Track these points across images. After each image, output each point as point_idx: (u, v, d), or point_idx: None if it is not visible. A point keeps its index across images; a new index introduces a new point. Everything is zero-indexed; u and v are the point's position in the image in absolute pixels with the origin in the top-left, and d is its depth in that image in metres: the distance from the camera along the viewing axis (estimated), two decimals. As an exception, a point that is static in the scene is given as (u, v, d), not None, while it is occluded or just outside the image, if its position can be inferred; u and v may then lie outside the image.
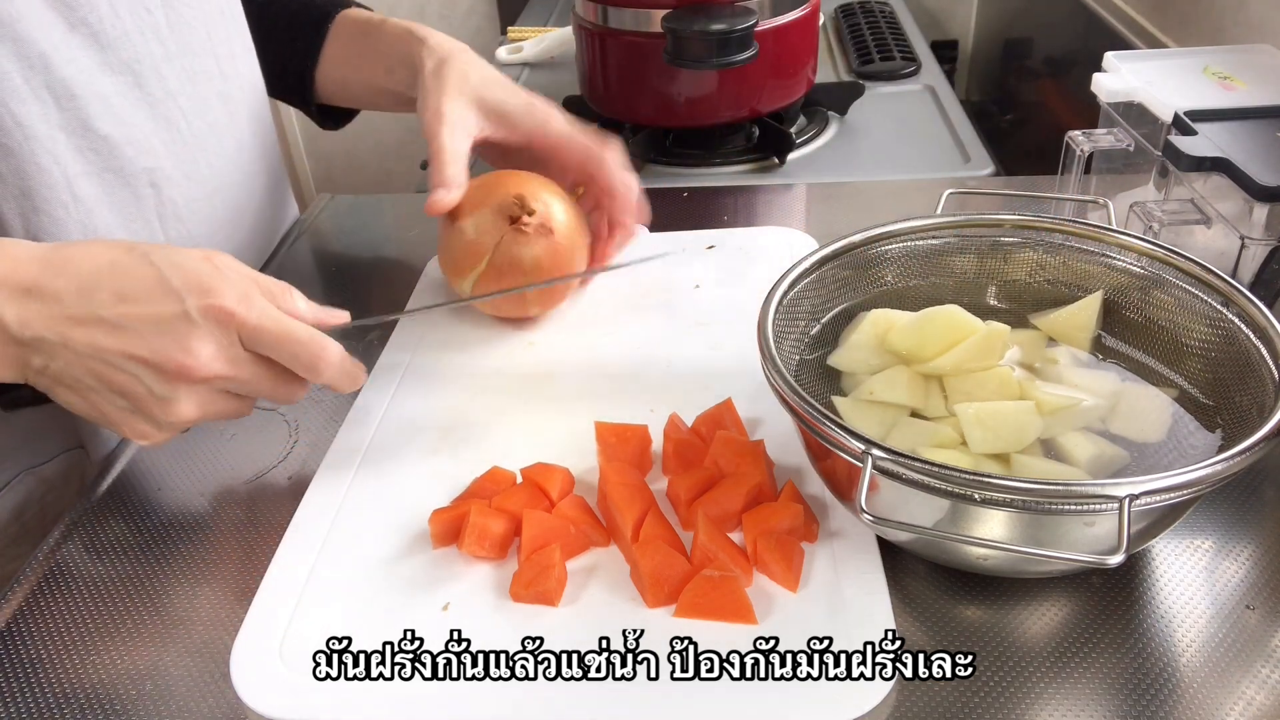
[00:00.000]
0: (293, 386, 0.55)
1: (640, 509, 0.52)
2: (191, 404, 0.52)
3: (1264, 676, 0.45)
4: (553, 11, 1.56)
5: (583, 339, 0.70)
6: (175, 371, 0.50)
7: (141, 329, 0.50)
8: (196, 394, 0.52)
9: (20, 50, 0.56)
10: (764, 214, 0.87)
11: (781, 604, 0.49)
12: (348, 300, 0.78)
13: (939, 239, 0.60)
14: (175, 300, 0.50)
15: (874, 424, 0.52)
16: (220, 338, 0.51)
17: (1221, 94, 0.71)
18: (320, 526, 0.56)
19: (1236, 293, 0.51)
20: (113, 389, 0.51)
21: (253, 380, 0.53)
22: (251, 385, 0.53)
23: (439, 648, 0.48)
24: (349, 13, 0.79)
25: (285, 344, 0.52)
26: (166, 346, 0.50)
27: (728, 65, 0.88)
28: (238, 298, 0.51)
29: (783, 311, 0.54)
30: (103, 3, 0.59)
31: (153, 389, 0.51)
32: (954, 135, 1.02)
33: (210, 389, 0.52)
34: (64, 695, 0.48)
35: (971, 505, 0.42)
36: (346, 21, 0.79)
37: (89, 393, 0.51)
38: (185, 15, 0.66)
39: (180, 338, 0.50)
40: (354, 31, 0.78)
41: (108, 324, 0.49)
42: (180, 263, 0.51)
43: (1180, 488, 0.41)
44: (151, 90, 0.63)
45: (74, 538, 0.58)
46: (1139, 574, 0.50)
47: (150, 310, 0.50)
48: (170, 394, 0.51)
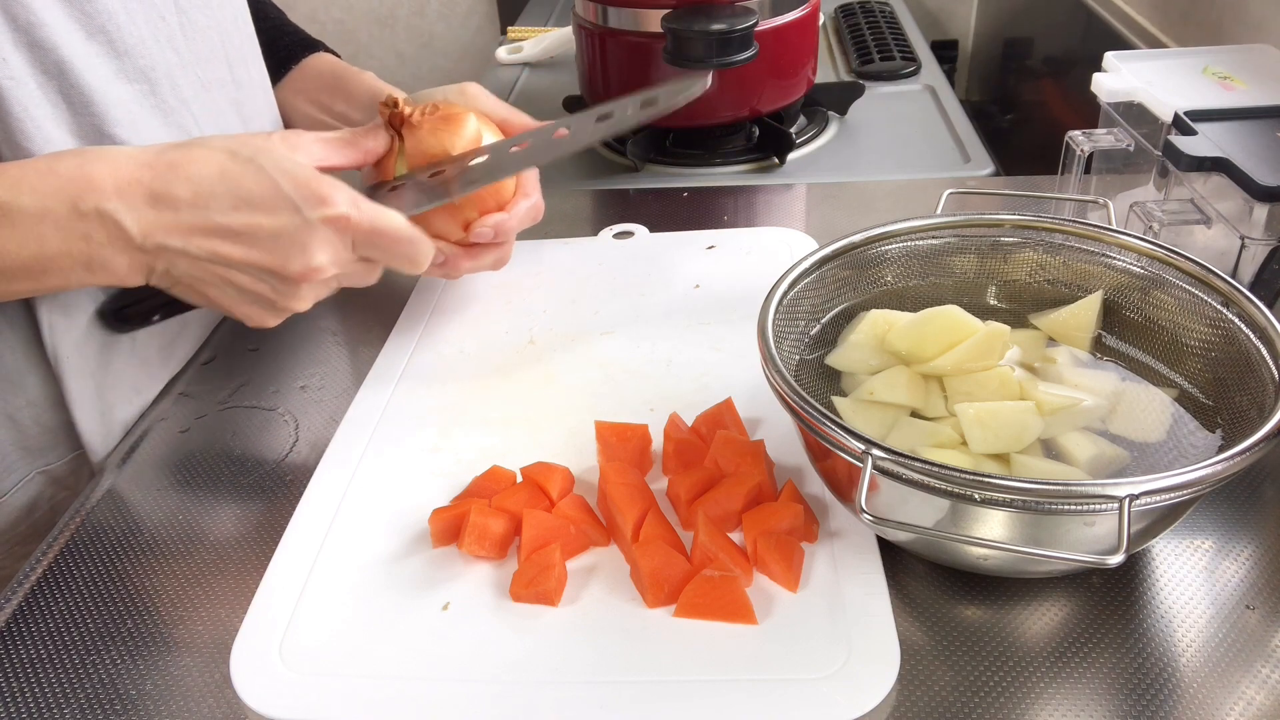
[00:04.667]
0: (378, 271, 0.61)
1: (640, 509, 0.52)
2: (309, 297, 0.58)
3: (1264, 676, 0.45)
4: (553, 11, 1.56)
5: (583, 339, 0.70)
6: (298, 276, 0.55)
7: (263, 238, 0.54)
8: (314, 289, 0.57)
9: (38, 56, 0.56)
10: (764, 214, 0.87)
11: (781, 604, 0.49)
12: (347, 301, 0.79)
13: (939, 239, 0.60)
14: (293, 211, 0.54)
15: (874, 424, 0.52)
16: (336, 243, 0.55)
17: (1221, 94, 0.71)
18: (320, 526, 0.56)
19: (1236, 293, 0.51)
20: (233, 287, 0.56)
21: (357, 273, 0.59)
22: (355, 277, 0.59)
23: (439, 648, 0.48)
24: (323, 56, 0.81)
25: (395, 245, 0.58)
26: (289, 254, 0.54)
27: (727, 65, 0.87)
28: (349, 203, 0.55)
29: (783, 311, 0.54)
30: (120, 10, 0.59)
31: (275, 287, 0.56)
32: (954, 135, 1.02)
33: (324, 282, 0.58)
34: (64, 695, 0.48)
35: (971, 505, 0.42)
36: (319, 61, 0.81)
37: (209, 289, 0.56)
38: (199, 23, 0.66)
39: (302, 246, 0.54)
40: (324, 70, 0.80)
41: (230, 233, 0.53)
42: (289, 169, 0.54)
43: (1180, 488, 0.41)
44: (165, 98, 0.64)
45: (74, 538, 0.58)
46: (1139, 574, 0.50)
47: (270, 221, 0.54)
48: (292, 291, 0.57)
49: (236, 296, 0.57)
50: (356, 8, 2.02)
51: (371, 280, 0.61)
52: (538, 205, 0.70)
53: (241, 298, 0.57)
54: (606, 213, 0.90)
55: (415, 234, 0.58)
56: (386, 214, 0.57)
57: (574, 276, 0.77)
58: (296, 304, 0.58)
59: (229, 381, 0.70)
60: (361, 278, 0.60)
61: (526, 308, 0.74)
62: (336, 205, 0.54)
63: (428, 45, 2.07)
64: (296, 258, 0.54)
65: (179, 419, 0.67)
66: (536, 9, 1.60)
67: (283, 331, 0.75)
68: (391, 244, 0.58)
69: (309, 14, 1.99)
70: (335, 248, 0.56)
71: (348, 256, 0.57)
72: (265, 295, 0.57)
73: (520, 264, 0.79)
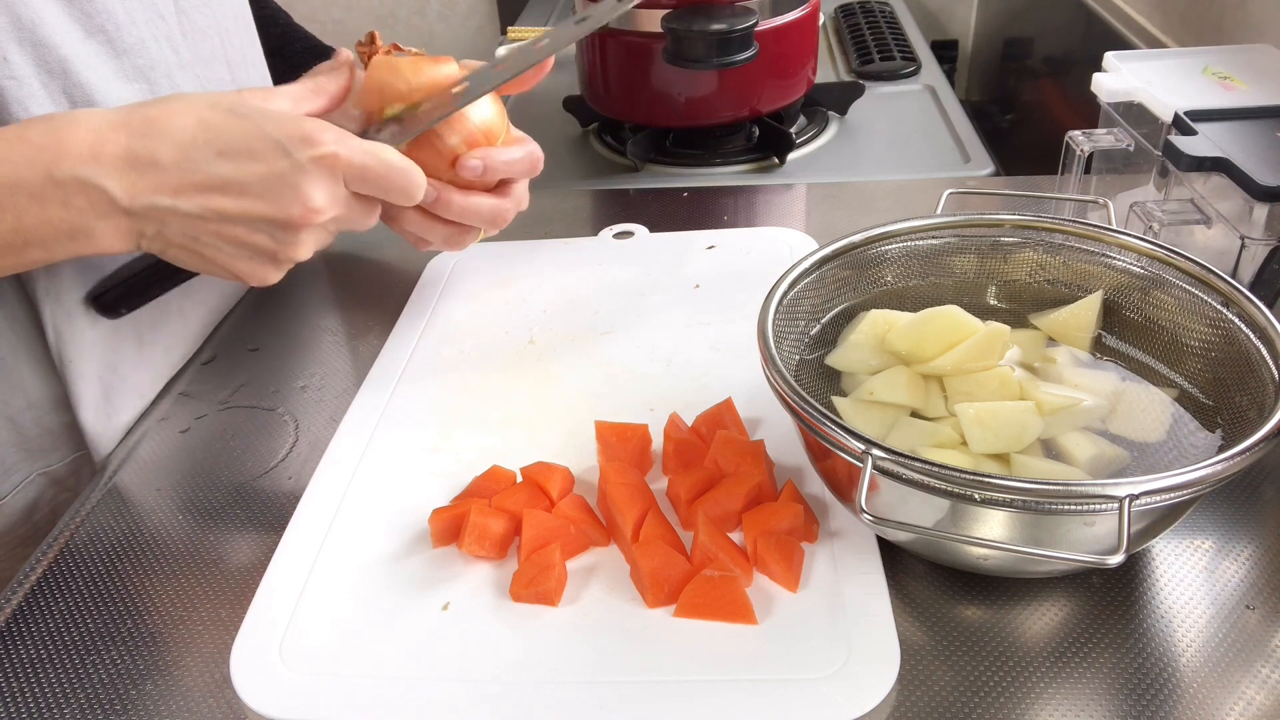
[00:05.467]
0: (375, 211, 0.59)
1: (640, 509, 0.52)
2: (310, 243, 0.56)
3: (1264, 676, 0.45)
4: (553, 11, 1.56)
5: (583, 339, 0.70)
6: (299, 220, 0.53)
7: (254, 185, 0.52)
8: (314, 234, 0.55)
9: (40, 55, 0.56)
10: (764, 214, 0.87)
11: (781, 604, 0.49)
12: (347, 301, 0.79)
13: (939, 239, 0.60)
14: (282, 154, 0.52)
15: (874, 424, 0.52)
16: (329, 181, 0.54)
17: (1221, 94, 0.71)
18: (320, 526, 0.56)
19: (1236, 293, 0.51)
20: (230, 243, 0.54)
21: (355, 213, 0.57)
22: (353, 218, 0.57)
23: (439, 648, 0.48)
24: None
25: (387, 175, 0.56)
26: (284, 199, 0.52)
27: (728, 65, 0.88)
28: (337, 140, 0.53)
29: (783, 311, 0.54)
30: (119, 9, 0.59)
31: (274, 236, 0.54)
32: (954, 135, 1.02)
33: (323, 226, 0.55)
34: (64, 695, 0.48)
35: (971, 505, 0.42)
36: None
37: (205, 248, 0.54)
38: (199, 23, 0.66)
39: (295, 188, 0.52)
40: None
41: (220, 184, 0.52)
42: (269, 113, 0.53)
43: (1180, 488, 0.41)
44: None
45: (74, 538, 0.58)
46: (1139, 574, 0.50)
47: (260, 167, 0.52)
48: (292, 239, 0.54)
49: (234, 253, 0.55)
50: (356, 7, 2.02)
51: (370, 221, 0.59)
52: (535, 154, 0.66)
53: (240, 253, 0.55)
54: (606, 213, 0.90)
55: (406, 162, 0.57)
56: (376, 146, 0.55)
57: (574, 276, 0.77)
58: (298, 251, 0.56)
59: (229, 381, 0.70)
60: (360, 218, 0.58)
61: (526, 308, 0.74)
62: (325, 144, 0.53)
63: (428, 45, 2.07)
64: (293, 201, 0.53)
65: (179, 419, 0.67)
66: (536, 9, 1.60)
67: (283, 331, 0.75)
68: (383, 175, 0.55)
69: (308, 14, 1.99)
70: (329, 186, 0.54)
71: (343, 194, 0.55)
72: (265, 247, 0.55)
73: (520, 264, 0.79)
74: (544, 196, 0.90)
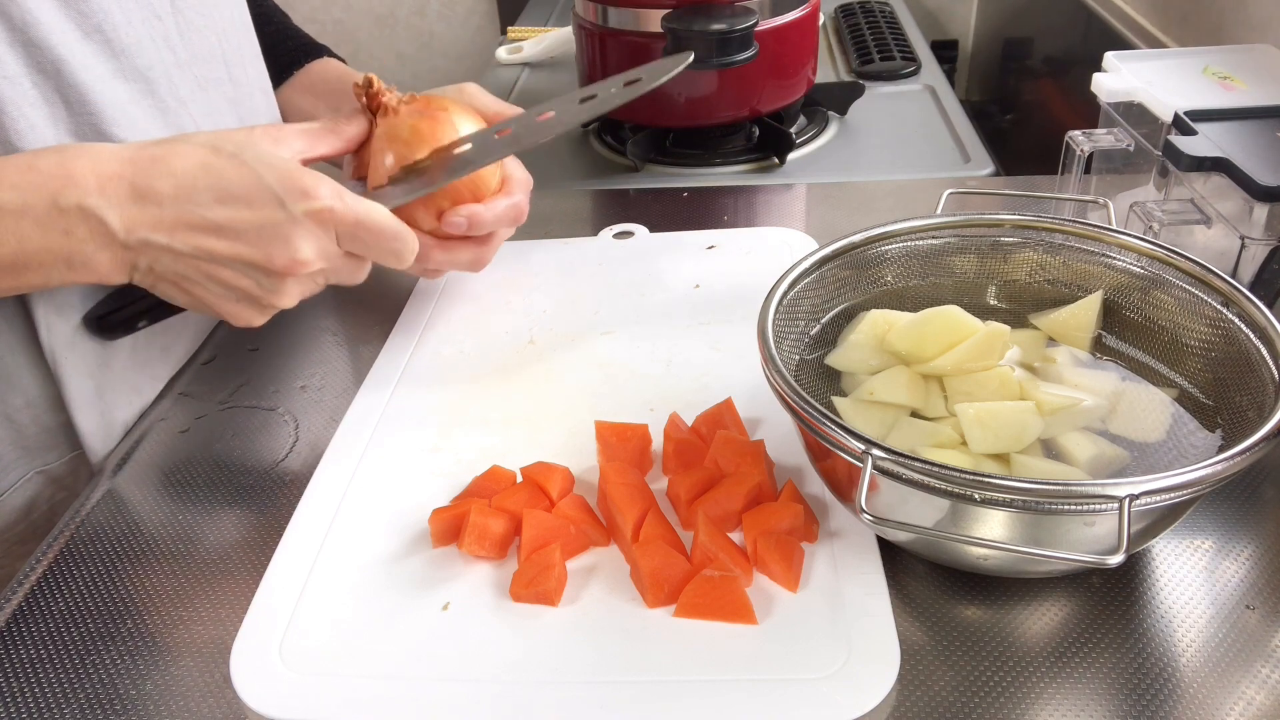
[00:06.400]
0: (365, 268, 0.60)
1: (640, 509, 0.52)
2: (295, 293, 0.57)
3: (1264, 676, 0.45)
4: (553, 11, 1.56)
5: (583, 339, 0.70)
6: (283, 270, 0.55)
7: (246, 232, 0.53)
8: (300, 284, 0.57)
9: (34, 55, 0.56)
10: (764, 214, 0.87)
11: (781, 604, 0.49)
12: (347, 301, 0.79)
13: (939, 239, 0.60)
14: (277, 205, 0.53)
15: (874, 424, 0.52)
16: (321, 236, 0.55)
17: (1221, 94, 0.71)
18: (320, 526, 0.56)
19: (1236, 293, 0.51)
20: (217, 283, 0.56)
21: (344, 269, 0.58)
22: (342, 273, 0.59)
23: (439, 648, 0.48)
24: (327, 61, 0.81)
25: (379, 238, 0.57)
26: (273, 249, 0.54)
27: (728, 65, 0.88)
28: (333, 195, 0.54)
29: (783, 311, 0.54)
30: (115, 10, 0.59)
31: (260, 283, 0.56)
32: (954, 135, 1.02)
33: (310, 277, 0.57)
34: (64, 695, 0.48)
35: (971, 505, 0.42)
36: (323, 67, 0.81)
37: (193, 286, 0.56)
38: (196, 23, 0.66)
39: (286, 240, 0.54)
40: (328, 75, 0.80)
41: (212, 227, 0.53)
42: (271, 163, 0.54)
43: (1180, 488, 0.41)
44: (163, 98, 0.63)
45: (74, 537, 0.58)
46: (1139, 574, 0.50)
47: (254, 215, 0.53)
48: (277, 286, 0.56)
49: (221, 294, 0.56)
50: (356, 7, 2.02)
51: (359, 278, 0.60)
52: (520, 205, 0.68)
53: (226, 295, 0.56)
54: (606, 213, 0.90)
55: (400, 228, 0.58)
56: (371, 207, 0.57)
57: (574, 276, 0.77)
58: (282, 300, 0.57)
59: (229, 381, 0.70)
60: (349, 274, 0.59)
61: (526, 308, 0.74)
62: (320, 198, 0.54)
63: (428, 45, 2.07)
64: (280, 251, 0.54)
65: (179, 419, 0.67)
66: (536, 9, 1.60)
67: (283, 331, 0.75)
68: (376, 238, 0.57)
69: (309, 14, 1.99)
70: (320, 241, 0.55)
71: (333, 250, 0.56)
72: (250, 291, 0.56)
73: (520, 264, 0.79)
74: (544, 196, 0.90)
